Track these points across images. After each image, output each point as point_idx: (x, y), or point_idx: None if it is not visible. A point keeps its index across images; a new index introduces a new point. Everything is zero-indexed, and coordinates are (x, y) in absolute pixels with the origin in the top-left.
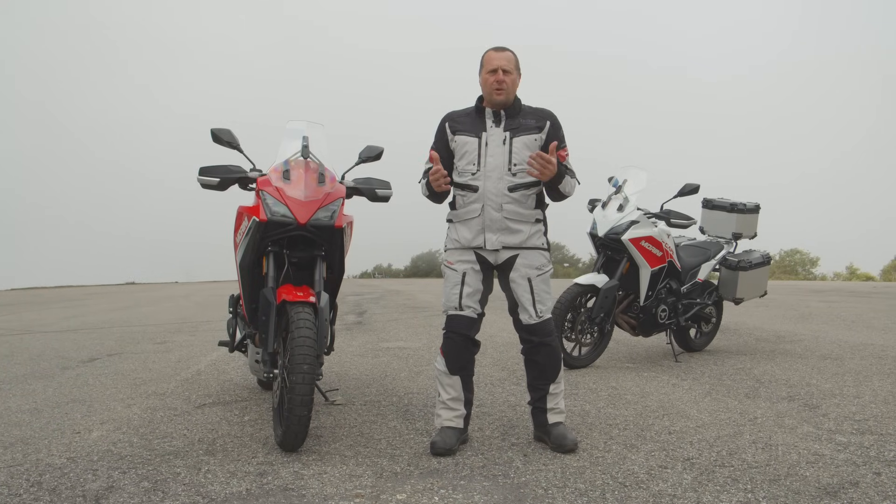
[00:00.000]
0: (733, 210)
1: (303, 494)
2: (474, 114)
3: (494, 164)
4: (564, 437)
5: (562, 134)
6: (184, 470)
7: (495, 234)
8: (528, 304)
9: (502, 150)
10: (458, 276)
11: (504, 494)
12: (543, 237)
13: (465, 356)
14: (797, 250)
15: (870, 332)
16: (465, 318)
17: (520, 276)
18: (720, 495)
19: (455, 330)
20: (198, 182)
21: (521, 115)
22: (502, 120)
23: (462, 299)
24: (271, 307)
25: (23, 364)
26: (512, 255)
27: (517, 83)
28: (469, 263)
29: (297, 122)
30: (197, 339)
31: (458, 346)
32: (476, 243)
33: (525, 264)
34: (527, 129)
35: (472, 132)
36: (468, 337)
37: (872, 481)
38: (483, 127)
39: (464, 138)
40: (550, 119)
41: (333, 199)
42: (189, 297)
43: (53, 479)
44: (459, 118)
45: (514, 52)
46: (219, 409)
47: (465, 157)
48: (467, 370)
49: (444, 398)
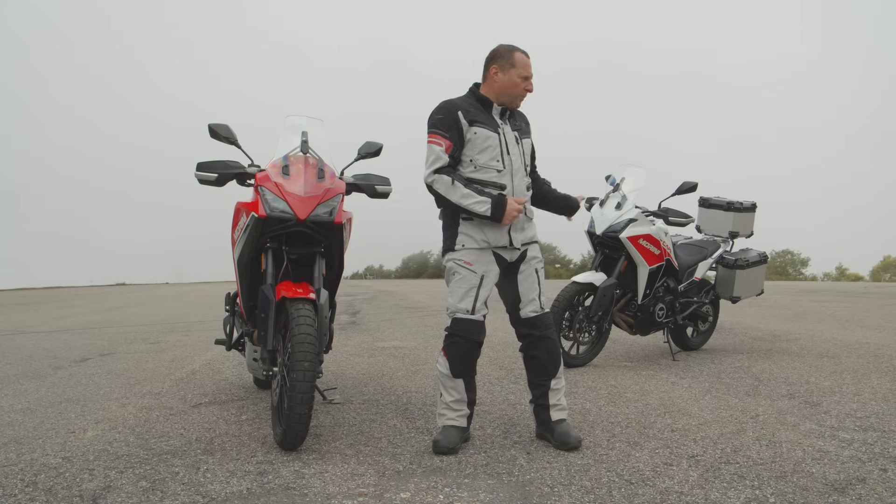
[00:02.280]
0: (730, 209)
1: (305, 493)
2: (480, 106)
3: (518, 165)
4: (568, 435)
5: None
6: (182, 469)
7: (519, 233)
8: (536, 296)
9: (518, 150)
10: (477, 278)
11: (510, 492)
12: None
13: (469, 361)
14: (788, 251)
15: (864, 330)
16: (475, 323)
17: (529, 267)
18: (728, 492)
19: (463, 335)
20: (195, 178)
21: (519, 117)
22: (507, 118)
23: (477, 303)
24: (271, 304)
25: (14, 364)
26: (525, 250)
27: None
28: (489, 265)
29: (297, 117)
30: (190, 338)
31: (464, 351)
32: (502, 242)
33: (533, 256)
34: (526, 133)
35: (489, 126)
36: (477, 343)
37: (879, 477)
38: (495, 122)
39: (484, 131)
40: (528, 124)
41: (333, 195)
42: (180, 297)
43: (49, 478)
44: (469, 108)
45: None
46: (215, 408)
47: (487, 152)
48: (470, 372)
49: (448, 400)
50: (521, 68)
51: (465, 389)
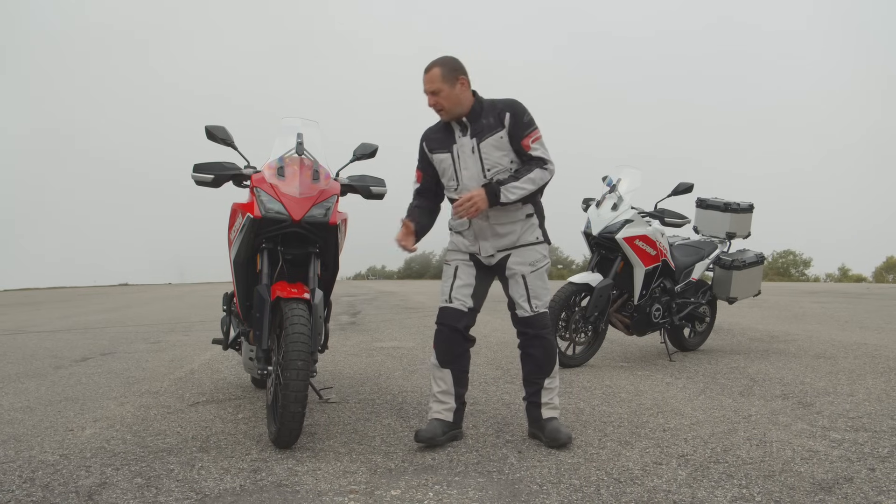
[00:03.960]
0: (727, 210)
1: (297, 490)
2: (444, 127)
3: (470, 176)
4: (558, 432)
5: (526, 120)
6: (177, 466)
7: (488, 241)
8: (523, 301)
9: (474, 159)
10: (451, 269)
11: (499, 490)
12: (538, 230)
13: (454, 349)
14: (790, 251)
15: (863, 331)
16: (453, 311)
17: (513, 273)
18: (715, 491)
19: (443, 321)
20: (192, 179)
21: (483, 114)
22: (468, 128)
23: (452, 291)
24: (265, 304)
25: (15, 363)
26: (505, 256)
27: (455, 92)
28: (462, 257)
29: (292, 119)
30: (191, 338)
31: (446, 337)
32: (472, 250)
33: (518, 262)
34: (490, 130)
35: (444, 148)
36: (456, 329)
37: (867, 477)
38: (453, 139)
39: (439, 156)
40: (510, 109)
41: (328, 196)
42: (182, 297)
43: (46, 475)
44: (433, 135)
45: (444, 60)
46: (212, 406)
47: (445, 174)
48: (458, 364)
49: (435, 391)
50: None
51: (452, 382)
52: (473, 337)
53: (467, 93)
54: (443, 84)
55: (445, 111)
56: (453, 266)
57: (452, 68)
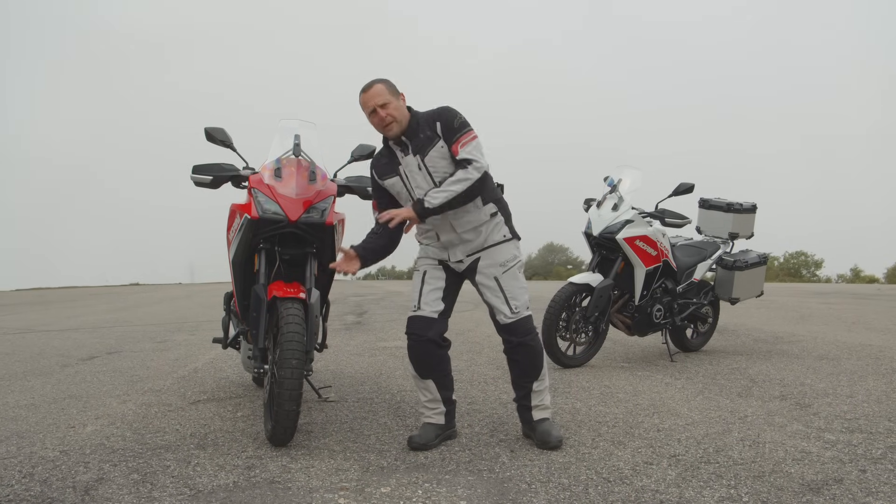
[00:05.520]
0: (730, 210)
1: (288, 487)
2: (387, 153)
3: (423, 190)
4: (549, 434)
5: (457, 125)
6: (174, 463)
7: (457, 247)
8: (502, 304)
9: (422, 174)
10: (419, 275)
11: (487, 488)
12: (504, 227)
13: (429, 360)
14: (802, 252)
15: (869, 333)
16: (422, 319)
17: (485, 277)
18: (703, 491)
19: (412, 331)
20: (191, 180)
21: (420, 129)
22: (408, 145)
23: (421, 297)
24: (262, 303)
25: (23, 362)
26: (475, 259)
27: (400, 104)
28: (431, 263)
29: (290, 120)
30: (196, 338)
31: (419, 349)
32: (441, 257)
33: (488, 264)
34: (429, 142)
35: (391, 172)
36: (426, 338)
37: (857, 478)
38: (397, 161)
39: (390, 180)
40: (439, 118)
41: (324, 197)
42: (191, 297)
43: (45, 470)
44: (379, 163)
45: (382, 78)
46: (213, 405)
47: (400, 196)
48: (438, 371)
49: (423, 400)
50: (364, 109)
51: (436, 389)
52: (448, 340)
53: (405, 109)
54: (390, 97)
55: (396, 122)
56: (422, 271)
57: (392, 84)
